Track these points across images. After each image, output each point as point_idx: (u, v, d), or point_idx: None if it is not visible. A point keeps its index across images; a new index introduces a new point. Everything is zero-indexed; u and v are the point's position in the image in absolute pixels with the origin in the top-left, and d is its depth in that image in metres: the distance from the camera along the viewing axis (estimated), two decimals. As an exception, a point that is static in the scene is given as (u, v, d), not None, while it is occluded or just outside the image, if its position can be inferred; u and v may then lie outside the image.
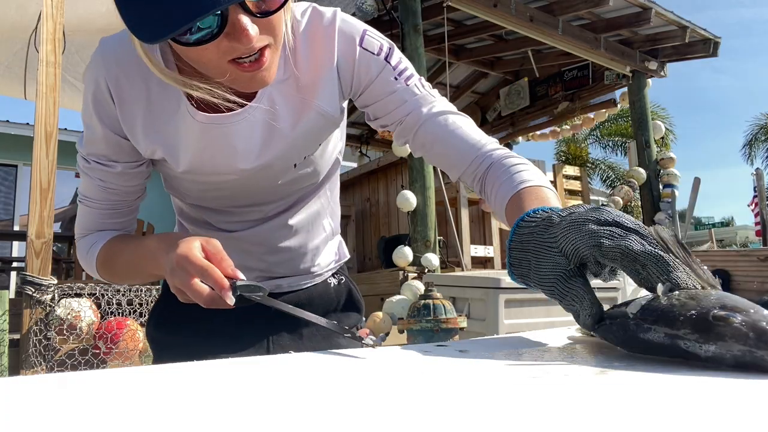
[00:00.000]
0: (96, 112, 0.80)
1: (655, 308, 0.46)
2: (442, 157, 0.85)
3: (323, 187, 0.97)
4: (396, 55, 0.84)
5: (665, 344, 0.44)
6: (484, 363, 0.46)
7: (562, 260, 0.55)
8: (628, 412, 0.29)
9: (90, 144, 0.83)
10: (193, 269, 0.69)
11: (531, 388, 0.35)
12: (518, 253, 0.60)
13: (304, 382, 0.39)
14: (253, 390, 0.36)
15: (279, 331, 0.97)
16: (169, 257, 0.72)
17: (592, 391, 0.34)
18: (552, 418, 0.27)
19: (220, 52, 0.64)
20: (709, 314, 0.42)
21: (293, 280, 0.99)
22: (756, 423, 0.27)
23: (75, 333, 2.83)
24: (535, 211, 0.62)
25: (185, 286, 0.70)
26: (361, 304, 1.10)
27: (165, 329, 0.99)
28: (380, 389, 0.36)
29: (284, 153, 0.83)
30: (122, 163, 0.83)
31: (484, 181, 0.82)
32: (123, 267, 0.86)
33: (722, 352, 0.40)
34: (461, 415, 0.28)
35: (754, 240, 16.26)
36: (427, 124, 0.82)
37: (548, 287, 0.56)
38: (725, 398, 0.33)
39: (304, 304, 0.99)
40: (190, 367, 0.45)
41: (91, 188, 0.86)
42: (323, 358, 0.51)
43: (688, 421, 0.27)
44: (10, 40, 4.15)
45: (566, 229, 0.54)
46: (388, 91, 0.83)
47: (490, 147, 0.83)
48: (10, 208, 8.81)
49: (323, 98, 0.82)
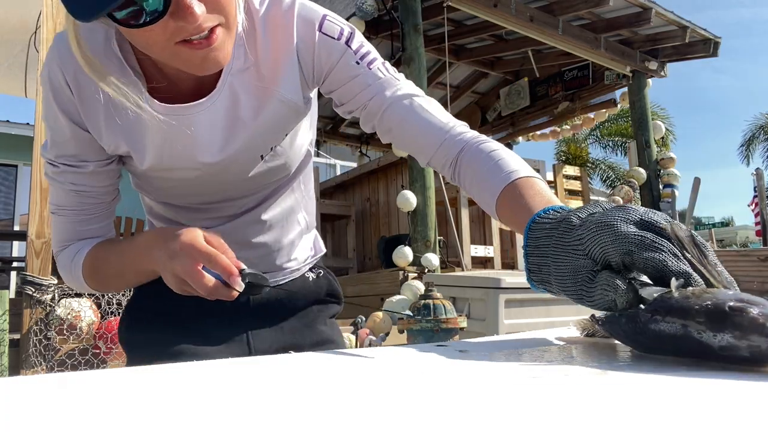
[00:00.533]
0: (59, 109, 0.78)
1: (668, 300, 0.45)
2: (409, 141, 0.83)
3: (296, 180, 0.95)
4: (357, 39, 0.82)
5: (677, 335, 0.43)
6: (484, 363, 0.46)
7: (587, 263, 0.52)
8: (628, 413, 0.29)
9: (56, 145, 0.81)
10: (200, 256, 0.69)
11: (531, 388, 0.35)
12: (536, 259, 0.57)
13: (303, 382, 0.39)
14: (252, 390, 0.36)
15: (258, 326, 0.96)
16: (169, 246, 0.71)
17: (593, 392, 0.34)
18: (552, 418, 0.27)
19: (168, 33, 0.63)
20: (725, 305, 0.41)
21: (270, 276, 0.97)
22: (758, 424, 0.27)
23: (75, 333, 2.83)
24: (545, 211, 0.60)
25: (189, 273, 0.69)
26: (340, 295, 1.08)
27: (137, 329, 0.95)
28: (380, 389, 0.36)
29: (248, 143, 0.82)
30: (93, 161, 0.81)
31: (457, 167, 0.80)
32: (113, 271, 0.84)
33: (738, 342, 0.39)
34: (461, 415, 0.28)
35: (754, 240, 16.26)
36: (392, 108, 0.81)
37: (573, 292, 0.53)
38: (727, 399, 0.33)
39: (283, 300, 0.98)
40: (190, 367, 0.45)
41: (63, 195, 0.83)
42: (323, 357, 0.51)
43: (688, 421, 0.27)
44: (10, 41, 4.15)
45: (593, 230, 0.51)
46: (350, 75, 0.81)
47: (460, 129, 0.81)
48: (10, 208, 8.81)
49: (284, 86, 0.80)
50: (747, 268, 0.79)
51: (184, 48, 0.65)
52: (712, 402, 0.32)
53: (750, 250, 0.82)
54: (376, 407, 0.30)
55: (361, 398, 0.33)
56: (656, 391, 0.34)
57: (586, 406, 0.30)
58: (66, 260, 0.87)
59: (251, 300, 0.95)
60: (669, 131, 10.32)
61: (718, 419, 0.27)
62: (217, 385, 0.38)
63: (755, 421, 0.27)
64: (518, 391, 0.34)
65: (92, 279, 0.86)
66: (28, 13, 3.68)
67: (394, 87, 0.82)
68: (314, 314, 1.01)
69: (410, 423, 0.27)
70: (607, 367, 0.43)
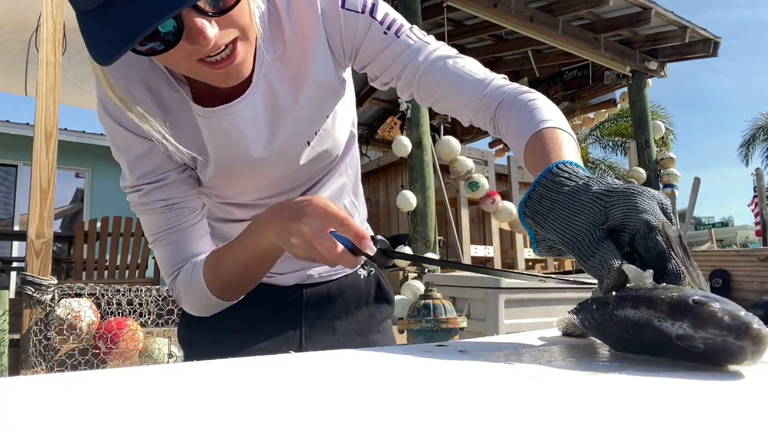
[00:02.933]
0: (122, 125, 0.78)
1: (637, 291, 0.46)
2: (449, 103, 0.82)
3: (342, 164, 0.95)
4: (381, 8, 0.81)
5: (639, 322, 0.44)
6: (484, 363, 0.46)
7: (600, 215, 0.51)
8: (628, 413, 0.29)
9: (133, 168, 0.80)
10: (332, 219, 0.68)
11: (531, 388, 0.35)
12: (544, 191, 0.56)
13: (303, 382, 0.39)
14: (251, 390, 0.36)
15: (311, 325, 0.96)
16: (294, 211, 0.70)
17: (593, 392, 0.34)
18: (552, 418, 0.27)
19: (186, 54, 0.64)
20: (690, 298, 0.42)
21: (323, 270, 0.97)
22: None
23: (75, 333, 2.83)
24: (572, 163, 0.59)
25: (318, 237, 0.67)
26: (391, 296, 1.07)
27: (196, 328, 0.96)
28: (380, 389, 0.36)
29: (293, 130, 0.82)
30: (172, 170, 0.81)
31: (496, 120, 0.79)
32: (236, 265, 0.80)
33: (693, 333, 0.40)
34: (461, 415, 0.28)
35: (754, 240, 16.27)
36: (427, 73, 0.80)
37: (571, 236, 0.52)
38: (730, 400, 0.33)
39: (334, 296, 0.98)
40: (190, 367, 0.45)
41: (156, 219, 0.82)
42: (322, 357, 0.51)
43: (687, 422, 0.27)
44: (10, 40, 4.16)
45: (621, 193, 0.51)
46: (381, 47, 0.80)
47: (499, 83, 0.80)
48: (10, 208, 8.81)
49: (317, 67, 0.80)
50: (747, 268, 0.79)
51: (205, 67, 0.66)
52: (715, 403, 0.32)
53: (750, 250, 0.82)
54: (376, 407, 0.30)
55: (361, 398, 0.33)
56: (657, 392, 0.34)
57: (587, 406, 0.30)
58: (184, 281, 0.83)
59: (304, 296, 0.96)
60: (669, 131, 10.32)
61: (721, 420, 0.27)
62: (217, 385, 0.38)
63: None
64: (518, 391, 0.34)
65: (217, 285, 0.82)
66: (28, 13, 3.68)
67: (426, 52, 0.81)
68: (366, 319, 1.00)
69: (410, 423, 0.27)
70: (607, 368, 0.43)
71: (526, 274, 0.62)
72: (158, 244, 0.84)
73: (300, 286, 0.97)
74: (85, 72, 4.40)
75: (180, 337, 1.00)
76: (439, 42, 0.84)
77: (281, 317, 0.95)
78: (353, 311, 0.99)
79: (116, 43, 0.59)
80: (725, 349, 0.39)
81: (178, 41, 0.62)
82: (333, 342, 0.95)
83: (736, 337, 0.39)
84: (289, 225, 0.69)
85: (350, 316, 0.99)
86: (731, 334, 0.39)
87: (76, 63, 4.32)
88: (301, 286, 0.97)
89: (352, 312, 0.99)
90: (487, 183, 4.60)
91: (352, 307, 0.99)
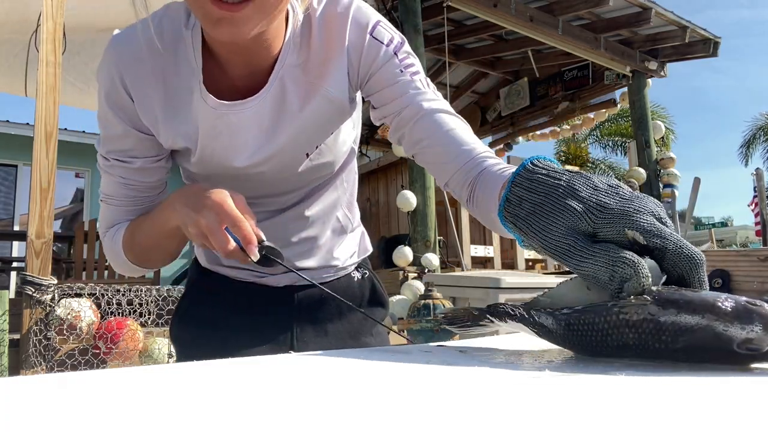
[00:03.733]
0: (112, 110, 0.80)
1: (679, 294, 0.44)
2: (435, 155, 0.82)
3: (339, 177, 0.96)
4: (405, 49, 0.83)
5: (693, 328, 0.42)
6: (484, 363, 0.46)
7: (588, 228, 0.49)
8: (628, 413, 0.29)
9: (108, 142, 0.84)
10: (226, 218, 0.70)
11: (531, 387, 0.35)
12: (521, 191, 0.53)
13: (303, 382, 0.39)
14: (251, 390, 0.36)
15: (303, 327, 0.96)
16: (198, 201, 0.73)
17: (593, 392, 0.34)
18: (553, 418, 0.27)
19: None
20: (743, 301, 0.42)
21: (315, 273, 0.97)
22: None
23: (75, 333, 2.83)
24: (549, 159, 0.57)
25: (212, 231, 0.71)
26: (385, 298, 1.07)
27: (188, 328, 0.98)
28: (380, 389, 0.36)
29: (294, 138, 0.83)
30: (141, 158, 0.84)
31: (474, 188, 0.78)
32: (147, 238, 0.85)
33: (764, 335, 0.40)
34: (461, 415, 0.28)
35: (754, 240, 16.26)
36: (425, 119, 0.81)
37: (556, 242, 0.49)
38: (733, 399, 0.33)
39: (327, 298, 0.97)
40: (190, 367, 0.45)
41: (112, 186, 0.86)
42: (323, 357, 0.51)
43: (689, 421, 0.27)
44: (10, 41, 4.16)
45: (616, 212, 0.48)
46: (392, 81, 0.82)
47: (486, 154, 0.80)
48: (10, 208, 8.82)
49: (331, 83, 0.81)
50: (747, 268, 0.79)
51: (213, 5, 0.65)
52: (717, 404, 0.32)
53: (750, 250, 0.82)
54: (375, 407, 0.30)
55: (361, 398, 0.33)
56: (658, 392, 0.34)
57: (587, 406, 0.30)
58: (108, 239, 0.89)
59: (296, 298, 0.96)
60: (669, 131, 10.32)
61: (724, 422, 0.27)
62: (217, 386, 0.38)
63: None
64: (518, 391, 0.34)
65: (131, 251, 0.88)
66: (28, 13, 3.68)
67: (431, 100, 0.82)
68: (359, 322, 1.00)
69: (410, 423, 0.27)
70: (608, 368, 0.43)
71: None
72: (105, 204, 0.89)
73: (292, 288, 0.96)
74: (85, 72, 4.40)
75: (171, 335, 1.01)
76: (445, 100, 0.85)
77: (272, 319, 0.95)
78: (346, 314, 0.99)
79: None
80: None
81: None
82: (325, 344, 0.94)
83: None
84: (190, 214, 0.73)
85: (343, 318, 0.98)
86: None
87: (76, 63, 4.32)
88: (292, 287, 0.96)
89: (345, 314, 0.99)
90: (487, 183, 4.58)
91: (344, 309, 0.99)
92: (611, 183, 0.51)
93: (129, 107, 0.80)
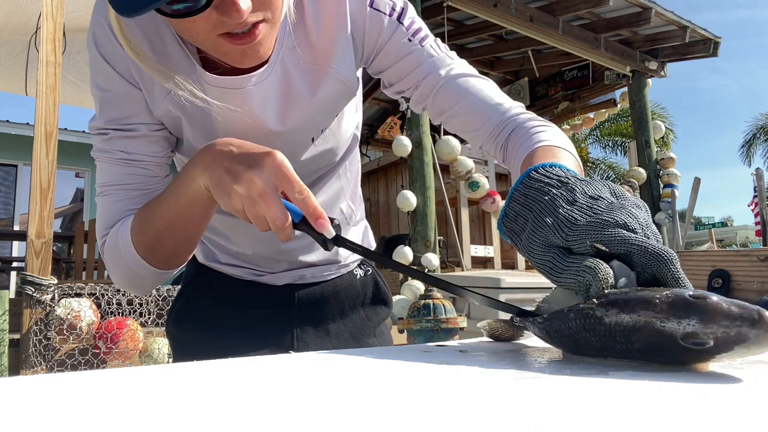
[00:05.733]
0: (108, 62, 0.73)
1: (625, 294, 0.44)
2: (464, 121, 0.78)
3: (341, 166, 0.92)
4: (409, 14, 0.79)
5: (635, 326, 0.42)
6: (484, 363, 0.46)
7: (560, 242, 0.49)
8: (629, 413, 0.29)
9: (106, 109, 0.74)
10: (290, 185, 0.59)
11: (531, 387, 0.35)
12: (518, 207, 0.54)
13: (302, 382, 0.39)
14: (250, 390, 0.36)
15: (303, 327, 0.92)
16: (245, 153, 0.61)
17: (594, 392, 0.34)
18: (553, 418, 0.27)
19: (210, 25, 0.60)
20: (686, 294, 0.40)
21: (317, 270, 0.94)
22: (756, 423, 0.27)
23: (75, 333, 2.83)
24: (551, 165, 0.56)
25: (268, 197, 0.59)
26: (389, 297, 1.03)
27: (184, 326, 0.94)
28: (380, 389, 0.36)
29: (302, 122, 0.78)
30: (144, 124, 0.75)
31: (506, 147, 0.75)
32: (164, 218, 0.70)
33: (703, 329, 0.39)
34: (461, 415, 0.28)
35: (754, 240, 16.27)
36: (446, 87, 0.77)
37: (539, 258, 0.50)
38: (729, 400, 0.33)
39: (328, 297, 0.94)
40: (190, 367, 0.45)
41: (112, 170, 0.75)
42: (323, 357, 0.51)
43: (686, 424, 0.27)
44: (11, 41, 4.16)
45: (583, 229, 0.48)
46: (402, 53, 0.78)
47: (515, 111, 0.77)
48: (10, 208, 8.82)
49: (339, 63, 0.77)
50: (747, 268, 0.79)
51: (225, 41, 0.63)
52: (717, 403, 0.32)
53: (750, 250, 0.82)
54: (375, 407, 0.30)
55: (361, 398, 0.33)
56: (658, 392, 0.34)
57: (587, 406, 0.30)
58: (111, 242, 0.74)
59: (297, 297, 0.93)
60: (669, 131, 10.32)
61: (724, 423, 0.27)
62: (217, 385, 0.38)
63: (755, 421, 0.27)
64: (518, 391, 0.34)
65: (143, 242, 0.72)
66: (28, 14, 3.68)
67: (447, 66, 0.78)
68: (362, 322, 0.97)
69: (410, 423, 0.27)
70: (608, 368, 0.43)
71: (476, 293, 0.60)
72: (104, 198, 0.76)
73: (292, 287, 0.94)
74: (85, 72, 4.40)
75: (168, 334, 0.98)
76: (461, 59, 0.81)
77: (272, 319, 0.92)
78: (348, 313, 0.96)
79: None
80: (738, 340, 0.38)
81: (206, 7, 0.58)
82: (326, 345, 0.92)
83: (751, 325, 0.37)
84: (237, 168, 0.60)
85: (345, 317, 0.96)
86: (745, 323, 0.38)
87: (76, 63, 4.33)
88: (293, 286, 0.94)
89: (347, 314, 0.96)
90: (487, 183, 4.60)
91: (347, 308, 0.96)
92: (594, 194, 0.51)
93: (124, 56, 0.71)
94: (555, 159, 0.63)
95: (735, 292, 0.79)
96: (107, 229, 0.76)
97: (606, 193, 0.51)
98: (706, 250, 4.92)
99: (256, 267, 0.93)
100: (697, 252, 0.74)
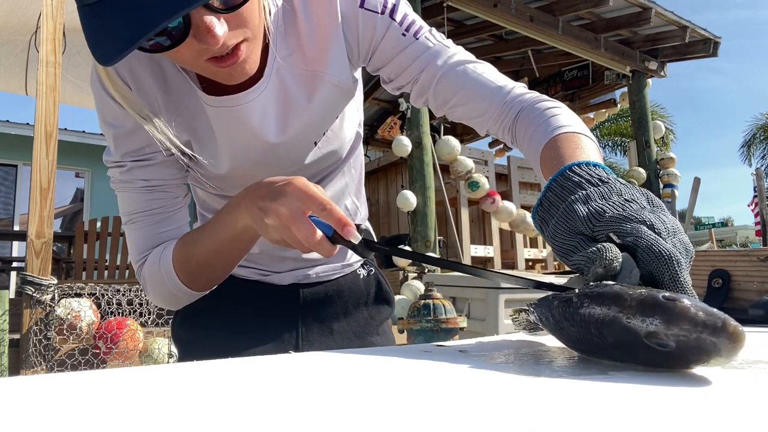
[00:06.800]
0: (119, 103, 0.75)
1: (603, 287, 0.44)
2: (467, 109, 0.78)
3: (346, 164, 0.92)
4: (401, 9, 0.78)
5: (604, 320, 0.42)
6: (484, 363, 0.46)
7: (588, 232, 0.50)
8: (629, 413, 0.29)
9: (120, 144, 0.77)
10: (313, 203, 0.62)
11: (531, 387, 0.35)
12: (553, 197, 0.55)
13: (302, 382, 0.39)
14: (250, 390, 0.36)
15: (308, 326, 0.94)
16: (271, 190, 0.65)
17: (594, 392, 0.34)
18: (553, 418, 0.27)
19: (193, 52, 0.62)
20: (660, 294, 0.40)
21: (321, 270, 0.95)
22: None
23: (75, 333, 2.83)
24: (595, 165, 0.56)
25: (296, 219, 0.62)
26: (391, 296, 1.04)
27: (190, 327, 0.95)
28: (380, 389, 0.36)
29: (303, 129, 0.80)
30: (158, 152, 0.77)
31: (515, 129, 0.75)
32: (207, 250, 0.75)
33: (665, 329, 0.38)
34: (461, 415, 0.28)
35: (754, 240, 16.27)
36: (446, 77, 0.77)
37: (561, 242, 0.51)
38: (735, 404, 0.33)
39: (332, 297, 0.96)
40: (190, 367, 0.45)
41: (134, 199, 0.79)
42: (323, 357, 0.51)
43: (686, 424, 0.27)
44: (11, 41, 4.16)
45: (606, 222, 0.50)
46: (398, 49, 0.78)
47: (519, 91, 0.77)
48: (10, 208, 8.82)
49: (333, 68, 0.78)
50: (747, 268, 0.79)
51: (211, 64, 0.65)
52: (716, 404, 0.32)
53: (750, 250, 0.82)
54: (375, 407, 0.30)
55: (361, 398, 0.33)
56: (659, 392, 0.34)
57: (588, 406, 0.30)
58: (151, 265, 0.79)
59: (302, 296, 0.94)
60: (669, 131, 10.32)
61: (716, 420, 0.27)
62: (217, 385, 0.38)
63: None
64: (518, 391, 0.34)
65: (185, 269, 0.77)
66: (28, 14, 3.69)
67: (445, 55, 0.78)
68: (365, 320, 0.98)
69: (410, 423, 0.27)
70: (608, 368, 0.43)
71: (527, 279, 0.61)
72: (132, 225, 0.80)
73: (297, 286, 0.95)
74: (85, 72, 4.40)
75: (173, 335, 0.98)
76: (457, 47, 0.81)
77: (277, 318, 0.93)
78: (352, 312, 0.97)
79: (120, 41, 0.56)
80: (699, 347, 0.37)
81: (185, 38, 0.60)
82: (330, 344, 0.93)
83: (711, 332, 0.36)
84: (266, 204, 0.65)
85: (349, 317, 0.97)
86: (706, 330, 0.36)
87: (76, 63, 4.33)
88: (298, 285, 0.95)
89: (351, 313, 0.97)
90: (487, 183, 4.60)
91: (350, 307, 0.97)
92: (630, 198, 0.52)
93: (129, 95, 0.75)
94: (580, 149, 0.64)
95: (735, 292, 0.79)
96: (142, 254, 0.80)
97: (642, 200, 0.52)
98: (706, 250, 4.92)
99: (263, 266, 0.94)
100: (697, 252, 0.74)
